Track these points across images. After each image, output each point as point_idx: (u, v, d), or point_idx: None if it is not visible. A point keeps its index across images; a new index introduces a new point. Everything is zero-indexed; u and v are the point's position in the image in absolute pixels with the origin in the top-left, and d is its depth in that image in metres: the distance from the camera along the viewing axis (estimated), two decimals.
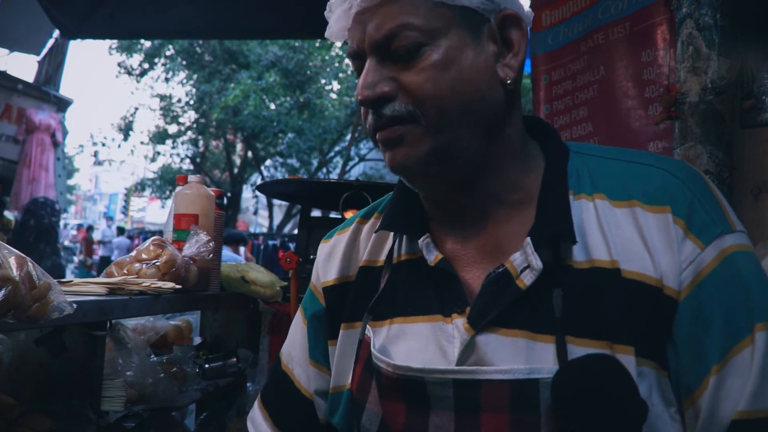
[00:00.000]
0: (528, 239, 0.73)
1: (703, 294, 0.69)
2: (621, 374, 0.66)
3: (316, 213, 2.86)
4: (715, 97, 1.47)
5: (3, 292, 0.83)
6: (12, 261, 0.87)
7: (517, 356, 0.71)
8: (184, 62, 13.57)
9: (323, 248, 0.95)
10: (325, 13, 0.79)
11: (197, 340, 2.11)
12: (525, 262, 0.72)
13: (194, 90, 13.58)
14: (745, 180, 1.50)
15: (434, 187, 0.79)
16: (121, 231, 16.13)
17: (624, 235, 0.72)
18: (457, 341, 0.73)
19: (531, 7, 2.37)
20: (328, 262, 0.92)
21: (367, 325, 0.82)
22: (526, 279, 0.72)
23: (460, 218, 0.80)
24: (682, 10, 1.53)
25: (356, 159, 14.63)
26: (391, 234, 0.86)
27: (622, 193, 0.74)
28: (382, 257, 0.86)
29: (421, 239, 0.79)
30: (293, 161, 14.11)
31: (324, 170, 14.91)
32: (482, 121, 0.74)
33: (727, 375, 0.67)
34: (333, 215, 4.77)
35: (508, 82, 0.75)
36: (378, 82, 0.74)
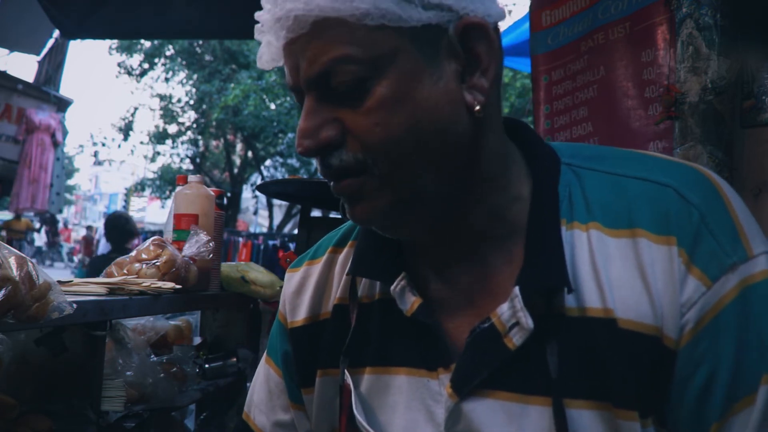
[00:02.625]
0: (516, 290, 0.62)
1: (705, 342, 0.59)
2: None
3: (316, 213, 2.86)
4: (715, 97, 1.47)
5: (3, 292, 0.83)
6: (12, 261, 0.87)
7: (510, 424, 0.63)
8: (184, 62, 13.56)
9: (292, 279, 0.83)
10: (255, 32, 0.67)
11: (197, 340, 2.11)
12: (513, 317, 0.62)
13: (194, 90, 13.57)
14: (745, 180, 1.49)
15: (408, 234, 0.68)
16: None
17: (619, 273, 0.61)
18: (444, 402, 0.66)
19: (531, 7, 2.37)
20: (297, 298, 0.81)
21: (345, 371, 0.73)
22: (516, 339, 0.62)
23: (440, 254, 0.70)
24: (682, 10, 1.53)
25: None
26: None
27: (621, 220, 0.62)
28: (359, 293, 0.76)
29: (395, 284, 0.69)
30: (293, 161, 14.09)
31: None
32: (446, 160, 0.62)
33: None
34: (333, 215, 4.77)
35: (477, 108, 0.62)
36: (319, 128, 0.62)
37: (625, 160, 0.67)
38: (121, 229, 4.27)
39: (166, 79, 14.11)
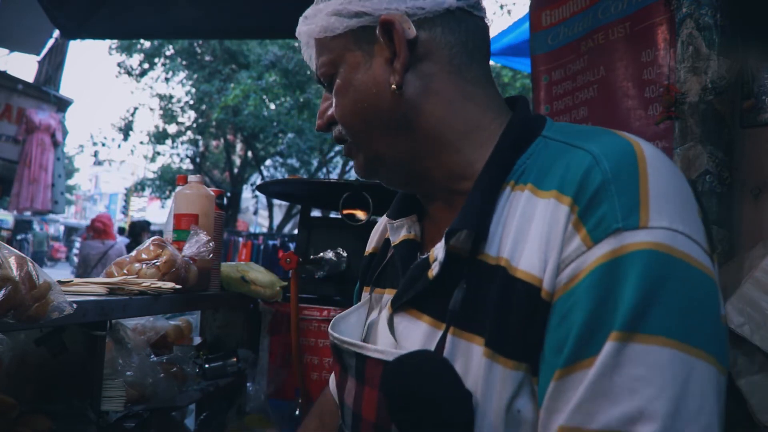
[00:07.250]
0: (446, 230, 0.75)
1: (572, 298, 0.62)
2: (435, 375, 0.67)
3: (316, 213, 2.85)
4: (715, 97, 1.47)
5: (3, 292, 0.83)
6: (12, 261, 0.87)
7: (422, 339, 0.75)
8: (184, 62, 13.55)
9: (381, 219, 1.07)
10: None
11: (197, 340, 2.11)
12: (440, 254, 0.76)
13: (194, 90, 13.57)
14: (745, 180, 1.49)
15: (386, 184, 0.88)
16: (121, 231, 16.11)
17: (532, 229, 0.68)
18: (384, 315, 0.84)
19: (531, 7, 2.37)
20: (375, 234, 1.06)
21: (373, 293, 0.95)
22: (435, 270, 0.76)
23: (427, 203, 0.88)
24: (682, 10, 1.53)
25: None
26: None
27: (550, 182, 0.69)
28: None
29: (395, 221, 0.90)
30: (293, 161, 14.10)
31: (324, 170, 14.91)
32: (385, 127, 0.80)
33: (566, 386, 0.61)
34: (333, 215, 4.77)
35: (392, 87, 0.78)
36: (326, 110, 0.87)
37: (588, 134, 0.72)
38: None
39: (166, 79, 14.11)
